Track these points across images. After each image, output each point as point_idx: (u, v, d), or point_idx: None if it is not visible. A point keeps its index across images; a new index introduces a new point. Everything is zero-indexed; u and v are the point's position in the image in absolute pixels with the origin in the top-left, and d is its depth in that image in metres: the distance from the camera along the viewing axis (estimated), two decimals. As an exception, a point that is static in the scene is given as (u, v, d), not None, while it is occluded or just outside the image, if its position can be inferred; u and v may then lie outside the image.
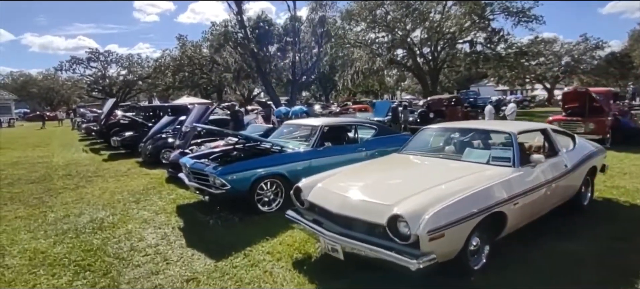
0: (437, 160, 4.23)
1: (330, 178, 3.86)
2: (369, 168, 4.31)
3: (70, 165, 10.44)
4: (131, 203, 6.08)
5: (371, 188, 3.45)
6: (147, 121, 14.11)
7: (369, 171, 4.19)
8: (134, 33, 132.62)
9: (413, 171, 4.02)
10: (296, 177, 5.38)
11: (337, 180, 3.81)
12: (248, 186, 5.04)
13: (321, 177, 3.98)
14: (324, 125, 6.04)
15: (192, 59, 46.34)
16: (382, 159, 4.65)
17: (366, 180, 3.73)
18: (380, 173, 4.01)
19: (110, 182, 7.88)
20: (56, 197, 6.70)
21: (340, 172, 4.05)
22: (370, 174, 4.04)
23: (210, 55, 44.00)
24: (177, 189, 6.89)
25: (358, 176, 3.94)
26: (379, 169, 4.22)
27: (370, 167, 4.36)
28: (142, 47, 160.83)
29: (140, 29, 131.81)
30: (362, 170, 4.21)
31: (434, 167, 3.97)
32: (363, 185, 3.55)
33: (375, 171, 4.17)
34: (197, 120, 7.79)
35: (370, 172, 4.13)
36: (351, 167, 4.27)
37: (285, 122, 7.05)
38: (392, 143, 6.70)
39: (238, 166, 5.04)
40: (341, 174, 3.99)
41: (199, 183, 5.29)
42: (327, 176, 3.99)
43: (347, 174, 3.98)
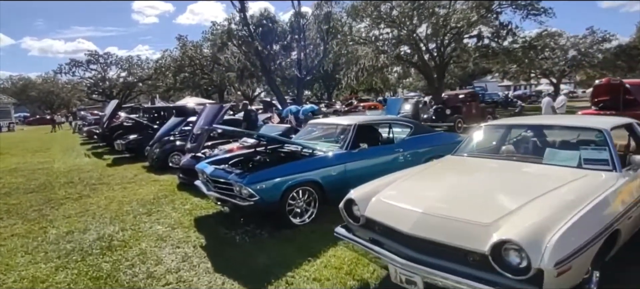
0: (513, 163, 3.55)
1: (391, 188, 3.18)
2: (432, 175, 3.63)
3: (72, 171, 9.78)
4: (142, 215, 5.41)
5: (452, 202, 2.78)
6: (152, 122, 13.45)
7: (435, 178, 3.52)
8: (133, 35, 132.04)
9: (491, 179, 3.33)
10: (330, 183, 4.75)
11: (400, 191, 3.14)
12: (279, 196, 4.37)
13: (375, 186, 3.31)
14: (357, 124, 5.36)
15: (193, 60, 45.67)
16: (441, 163, 3.95)
17: (439, 190, 3.06)
18: (450, 181, 3.33)
19: (117, 190, 7.21)
20: (58, 209, 6.03)
21: (399, 180, 3.37)
22: (438, 182, 3.36)
23: (211, 54, 43.39)
24: (191, 198, 6.22)
25: (425, 185, 3.27)
26: (446, 176, 3.54)
27: (433, 173, 3.67)
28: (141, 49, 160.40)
29: (139, 31, 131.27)
30: (426, 177, 3.53)
31: (515, 174, 3.29)
32: (439, 197, 2.87)
33: (443, 178, 3.49)
34: (210, 121, 7.12)
35: (437, 180, 3.46)
36: (407, 174, 3.59)
37: (310, 122, 6.37)
38: (430, 143, 6.06)
39: (267, 173, 4.36)
40: (402, 182, 3.31)
41: (221, 193, 4.62)
42: (383, 185, 3.31)
43: (409, 183, 3.31)
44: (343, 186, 4.97)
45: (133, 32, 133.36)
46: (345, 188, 5.12)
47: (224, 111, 7.26)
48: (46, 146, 17.45)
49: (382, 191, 3.17)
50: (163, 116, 15.46)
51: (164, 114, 15.83)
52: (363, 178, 5.26)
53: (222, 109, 7.26)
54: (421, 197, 2.93)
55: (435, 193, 2.99)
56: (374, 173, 5.36)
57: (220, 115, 7.12)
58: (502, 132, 4.24)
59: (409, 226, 2.62)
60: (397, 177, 3.47)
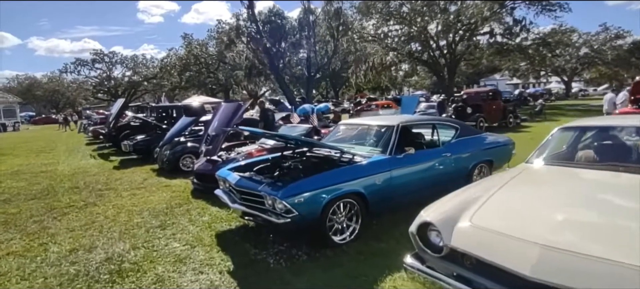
0: (619, 175, 2.83)
1: (483, 209, 2.49)
2: (525, 190, 2.92)
3: (77, 174, 9.17)
4: (155, 229, 4.76)
5: (575, 230, 2.09)
6: (160, 122, 12.84)
7: (531, 195, 2.81)
8: (138, 34, 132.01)
9: (606, 196, 2.62)
10: (374, 194, 4.08)
11: (496, 213, 2.45)
12: (320, 211, 3.69)
13: (455, 205, 2.63)
14: (400, 125, 4.67)
15: (198, 58, 45.19)
16: (527, 174, 3.21)
17: (547, 213, 2.35)
18: (554, 200, 2.62)
19: (125, 197, 6.57)
20: (61, 219, 5.40)
21: (483, 197, 2.67)
22: (539, 201, 2.64)
23: (217, 53, 42.85)
24: (209, 207, 5.57)
25: (525, 206, 2.57)
26: (544, 193, 2.83)
27: (524, 188, 2.96)
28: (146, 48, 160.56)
29: (145, 30, 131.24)
30: (518, 194, 2.83)
31: (632, 189, 2.58)
32: (554, 224, 2.18)
33: (541, 195, 2.78)
34: (227, 121, 6.46)
35: (535, 197, 2.75)
36: (487, 188, 2.88)
37: (341, 123, 5.69)
38: (478, 146, 5.37)
39: (305, 183, 3.68)
40: (492, 201, 2.61)
41: (249, 206, 3.94)
42: (463, 203, 2.63)
43: (503, 202, 2.61)
44: (388, 197, 4.32)
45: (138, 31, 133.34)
46: (390, 199, 4.47)
47: (242, 110, 6.59)
48: (50, 146, 16.91)
49: (469, 213, 2.48)
50: (171, 116, 14.89)
51: (172, 113, 15.26)
52: (409, 188, 4.62)
53: (240, 107, 6.59)
54: (529, 223, 2.24)
55: (544, 217, 2.30)
56: (421, 182, 4.72)
57: (239, 114, 6.46)
58: (594, 135, 3.53)
59: (528, 266, 1.92)
60: (477, 194, 2.78)
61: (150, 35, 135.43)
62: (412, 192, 4.61)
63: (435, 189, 4.98)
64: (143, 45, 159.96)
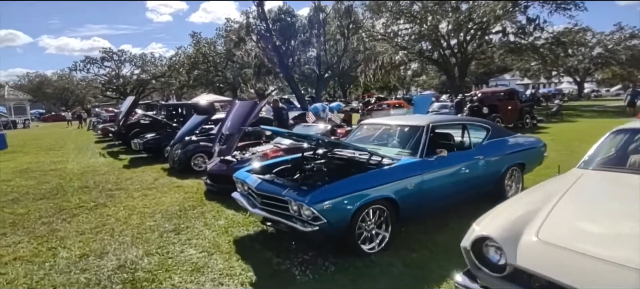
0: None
1: (550, 223, 2.17)
2: (592, 200, 2.59)
3: (87, 173, 8.99)
4: (169, 233, 4.50)
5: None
6: (170, 120, 12.66)
7: (602, 206, 2.48)
8: (146, 33, 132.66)
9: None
10: (405, 199, 3.78)
11: (568, 227, 2.13)
12: (349, 218, 3.40)
13: (513, 217, 2.32)
14: (431, 124, 4.35)
15: (207, 57, 45.16)
16: (587, 180, 2.87)
17: (631, 228, 2.02)
18: (632, 215, 2.28)
19: (136, 197, 6.34)
20: (70, 221, 5.17)
21: (545, 208, 2.35)
22: (617, 213, 2.31)
23: (226, 51, 42.74)
24: (224, 210, 5.30)
25: (601, 218, 2.24)
26: (613, 205, 2.50)
27: (589, 197, 2.63)
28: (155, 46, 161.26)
29: (153, 29, 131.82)
30: (586, 205, 2.50)
31: None
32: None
33: (616, 207, 2.45)
34: (242, 120, 6.19)
35: (608, 209, 2.42)
36: (544, 197, 2.56)
37: (363, 122, 5.38)
38: (511, 148, 5.02)
39: (334, 188, 3.38)
40: (558, 212, 2.29)
41: (272, 212, 3.66)
42: (526, 215, 2.31)
43: (573, 214, 2.29)
44: (419, 203, 4.01)
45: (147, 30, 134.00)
46: (422, 205, 4.15)
47: (258, 109, 6.32)
48: (59, 144, 16.84)
49: (533, 226, 2.16)
50: (181, 114, 14.72)
51: (181, 112, 15.08)
52: (441, 193, 4.29)
53: (255, 106, 6.31)
54: (611, 242, 1.92)
55: (627, 234, 1.97)
56: (453, 186, 4.39)
57: (255, 113, 6.18)
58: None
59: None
60: (535, 204, 2.45)
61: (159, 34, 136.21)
62: (444, 198, 4.30)
63: (466, 195, 4.71)
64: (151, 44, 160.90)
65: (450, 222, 4.39)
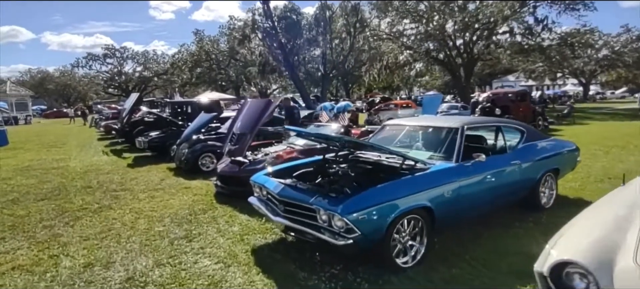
0: None
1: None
2: None
3: (90, 172, 8.66)
4: (180, 241, 4.16)
5: None
6: (175, 118, 12.34)
7: None
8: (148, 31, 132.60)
9: None
10: (442, 209, 3.44)
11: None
12: (385, 230, 3.06)
13: (599, 239, 1.98)
14: (465, 126, 4.01)
15: (210, 55, 44.84)
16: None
17: None
18: None
19: (143, 199, 6.01)
20: (73, 225, 4.84)
21: (636, 227, 2.01)
22: None
23: (229, 49, 42.43)
24: (237, 215, 4.97)
25: None
26: None
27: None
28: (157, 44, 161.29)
29: (155, 27, 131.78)
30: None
31: None
32: None
33: None
34: (255, 119, 5.84)
35: None
36: (621, 214, 2.21)
37: (387, 123, 5.03)
38: (547, 152, 4.67)
39: (369, 196, 3.04)
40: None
41: (296, 221, 3.32)
42: (611, 234, 1.97)
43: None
44: (456, 212, 3.65)
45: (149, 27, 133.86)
46: (458, 214, 3.78)
47: (273, 107, 5.97)
48: (62, 140, 16.52)
49: (627, 250, 1.82)
50: (186, 111, 14.40)
51: (186, 109, 14.76)
52: (478, 201, 3.92)
53: (269, 104, 5.96)
54: None
55: None
56: (490, 194, 4.03)
57: (269, 112, 5.84)
58: None
59: None
60: (618, 222, 2.11)
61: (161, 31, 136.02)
62: (480, 206, 3.97)
63: (502, 203, 4.36)
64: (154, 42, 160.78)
65: (483, 232, 4.06)
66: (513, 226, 4.24)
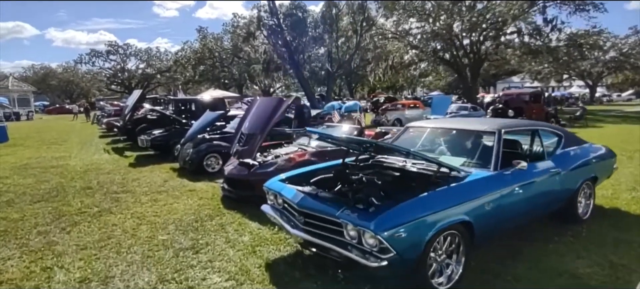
0: None
1: None
2: None
3: (90, 171, 8.31)
4: (186, 252, 3.79)
5: None
6: (179, 116, 11.99)
7: None
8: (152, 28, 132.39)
9: None
10: (482, 223, 3.06)
11: None
12: (422, 249, 2.67)
13: None
14: (502, 129, 3.62)
15: (213, 52, 44.53)
16: None
17: None
18: None
19: (145, 203, 5.64)
20: (70, 232, 4.48)
21: None
22: None
23: (232, 47, 42.10)
24: (246, 222, 4.60)
25: None
26: None
27: None
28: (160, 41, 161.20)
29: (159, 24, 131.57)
30: None
31: None
32: None
33: None
34: (266, 119, 5.46)
35: None
36: None
37: (410, 125, 4.64)
38: (585, 158, 4.28)
39: (404, 210, 2.66)
40: None
41: (319, 236, 2.94)
42: None
43: None
44: (494, 225, 3.26)
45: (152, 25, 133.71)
46: (497, 228, 3.38)
47: (285, 106, 5.58)
48: (63, 137, 16.21)
49: None
50: (190, 109, 14.05)
51: (190, 107, 14.42)
52: (518, 212, 3.50)
53: (281, 103, 5.58)
54: None
55: None
56: (529, 204, 3.61)
57: (281, 111, 5.45)
58: None
59: None
60: None
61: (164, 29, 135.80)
62: (518, 219, 3.60)
63: (540, 214, 3.98)
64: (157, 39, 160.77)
65: (522, 248, 3.68)
66: (552, 240, 3.85)
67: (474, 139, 3.82)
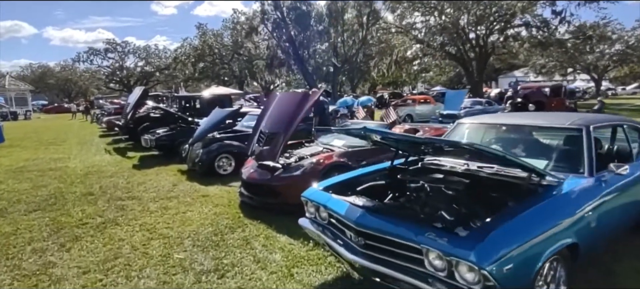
0: None
1: None
2: None
3: (91, 174, 7.68)
4: (211, 276, 3.17)
5: None
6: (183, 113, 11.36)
7: None
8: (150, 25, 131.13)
9: None
10: (586, 242, 2.43)
11: None
12: (529, 283, 2.06)
13: None
14: (591, 126, 3.00)
15: (213, 49, 43.77)
16: None
17: None
18: None
19: (154, 211, 5.02)
20: (70, 249, 3.86)
21: None
22: None
23: (232, 43, 41.35)
24: (273, 235, 3.98)
25: None
26: None
27: None
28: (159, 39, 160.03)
29: (157, 22, 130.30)
30: None
31: None
32: None
33: None
34: (291, 117, 4.83)
35: None
36: None
37: (463, 121, 4.00)
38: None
39: (510, 232, 2.03)
40: None
41: (379, 259, 2.31)
42: None
43: None
44: (593, 242, 2.67)
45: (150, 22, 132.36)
46: (595, 245, 2.81)
47: (312, 101, 4.91)
48: (61, 137, 15.56)
49: None
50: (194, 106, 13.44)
51: (194, 104, 13.81)
52: (615, 223, 2.88)
53: (307, 98, 4.91)
54: None
55: None
56: (625, 213, 3.01)
57: (307, 107, 4.80)
58: None
59: None
60: None
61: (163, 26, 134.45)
62: (612, 232, 2.97)
63: (628, 224, 3.36)
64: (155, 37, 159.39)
65: (613, 267, 3.06)
66: None
67: (556, 138, 3.19)
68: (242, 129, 8.16)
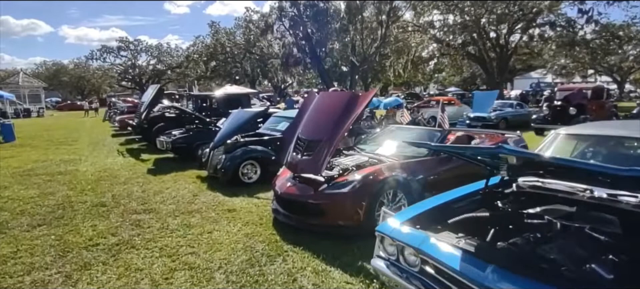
0: None
1: None
2: None
3: (103, 180, 7.04)
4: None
5: None
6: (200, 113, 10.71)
7: None
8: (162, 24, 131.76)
9: None
10: None
11: None
12: None
13: None
14: None
15: (225, 47, 43.34)
16: None
17: None
18: None
19: (175, 230, 4.30)
20: (77, 281, 3.16)
21: None
22: None
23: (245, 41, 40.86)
24: (326, 269, 3.23)
25: None
26: None
27: None
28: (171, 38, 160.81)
29: (169, 21, 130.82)
30: None
31: None
32: None
33: None
34: (336, 121, 4.07)
35: None
36: None
37: (561, 132, 3.16)
38: None
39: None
40: None
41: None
42: None
43: None
44: None
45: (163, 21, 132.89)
46: None
47: (366, 103, 4.12)
48: (73, 136, 15.08)
49: None
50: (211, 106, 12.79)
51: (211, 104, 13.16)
52: None
53: (355, 98, 4.14)
54: None
55: None
56: None
57: (358, 110, 4.00)
58: None
59: None
60: None
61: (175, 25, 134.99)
62: None
63: None
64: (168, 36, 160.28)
65: None
66: None
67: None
68: (266, 132, 7.45)
